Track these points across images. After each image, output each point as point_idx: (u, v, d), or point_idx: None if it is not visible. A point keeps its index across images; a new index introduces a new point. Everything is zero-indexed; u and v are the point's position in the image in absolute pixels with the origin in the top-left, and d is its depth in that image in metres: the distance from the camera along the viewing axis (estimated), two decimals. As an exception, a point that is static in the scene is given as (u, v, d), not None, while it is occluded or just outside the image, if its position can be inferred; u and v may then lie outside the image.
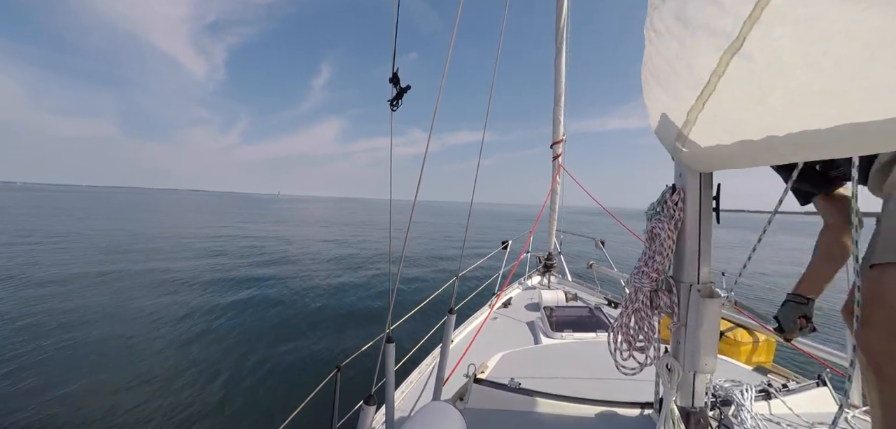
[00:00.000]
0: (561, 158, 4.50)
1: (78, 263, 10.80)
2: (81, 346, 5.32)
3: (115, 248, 13.89)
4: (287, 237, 19.94)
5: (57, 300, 7.28)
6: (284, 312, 7.20)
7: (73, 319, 6.31)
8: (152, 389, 4.26)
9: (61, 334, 5.64)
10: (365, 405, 1.06)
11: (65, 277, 9.07)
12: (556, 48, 4.33)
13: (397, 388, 1.99)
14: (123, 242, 15.73)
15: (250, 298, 8.11)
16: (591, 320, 2.85)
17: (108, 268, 10.40)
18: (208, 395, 4.16)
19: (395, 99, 1.56)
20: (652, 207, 1.07)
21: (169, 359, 5.05)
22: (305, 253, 14.93)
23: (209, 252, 14.01)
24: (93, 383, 4.34)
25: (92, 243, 14.77)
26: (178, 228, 22.48)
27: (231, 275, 10.46)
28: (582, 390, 1.37)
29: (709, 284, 0.96)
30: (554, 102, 4.45)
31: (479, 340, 2.63)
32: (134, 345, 5.50)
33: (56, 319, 6.30)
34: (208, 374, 4.64)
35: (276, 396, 4.18)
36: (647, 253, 1.03)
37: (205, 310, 7.24)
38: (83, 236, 16.80)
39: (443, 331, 1.45)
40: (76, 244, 14.35)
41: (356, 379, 4.04)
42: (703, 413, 1.02)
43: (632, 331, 1.08)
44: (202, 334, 5.98)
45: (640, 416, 1.25)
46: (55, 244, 14.06)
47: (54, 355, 4.97)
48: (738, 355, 2.39)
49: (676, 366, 0.98)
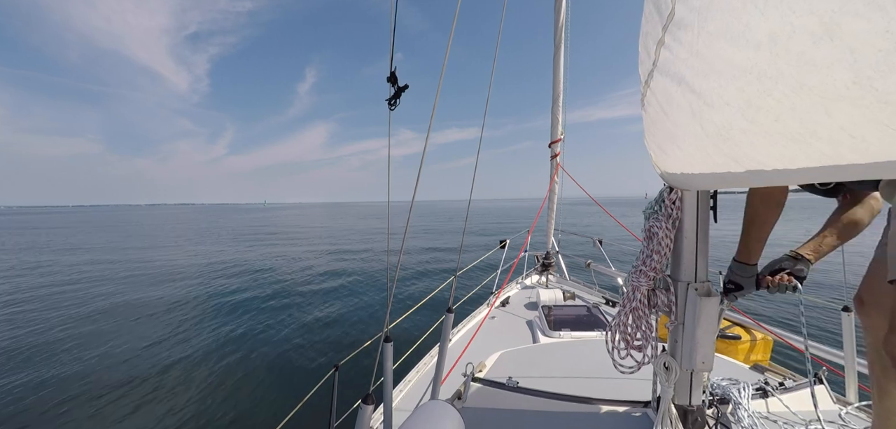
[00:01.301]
0: (559, 157, 4.50)
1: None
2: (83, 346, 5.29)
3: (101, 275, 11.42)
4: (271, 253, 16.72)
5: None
6: (281, 311, 7.19)
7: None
8: (148, 391, 4.25)
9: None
10: (363, 404, 1.06)
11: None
12: (555, 46, 4.31)
13: (395, 387, 1.99)
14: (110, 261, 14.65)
15: (247, 300, 8.10)
16: (589, 319, 2.85)
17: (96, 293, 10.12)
18: (205, 395, 4.15)
19: (393, 98, 1.55)
20: (650, 205, 1.07)
21: (164, 360, 5.04)
22: (303, 254, 14.89)
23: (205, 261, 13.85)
24: (90, 380, 4.33)
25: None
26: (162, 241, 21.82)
27: (230, 275, 10.44)
28: (580, 389, 1.37)
29: (706, 283, 0.96)
30: (552, 101, 4.43)
31: (477, 339, 2.63)
32: (132, 345, 5.49)
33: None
34: (205, 374, 4.63)
35: (274, 395, 4.17)
36: (645, 252, 1.03)
37: (202, 311, 7.22)
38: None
39: (441, 330, 1.45)
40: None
41: (354, 378, 4.04)
42: (700, 411, 1.03)
43: (629, 330, 1.08)
44: (200, 336, 5.97)
45: (637, 414, 1.25)
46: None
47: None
48: (735, 354, 2.39)
49: (674, 364, 0.98)
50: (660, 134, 0.78)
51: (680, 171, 0.78)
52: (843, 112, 0.35)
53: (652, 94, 0.74)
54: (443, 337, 1.43)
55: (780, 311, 5.99)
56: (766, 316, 6.04)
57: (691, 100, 0.58)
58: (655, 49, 0.67)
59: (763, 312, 5.97)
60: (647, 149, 0.89)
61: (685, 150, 0.70)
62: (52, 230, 32.33)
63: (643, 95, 0.80)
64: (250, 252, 15.44)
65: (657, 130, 0.78)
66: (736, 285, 1.17)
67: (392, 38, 1.49)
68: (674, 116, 0.67)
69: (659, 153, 0.84)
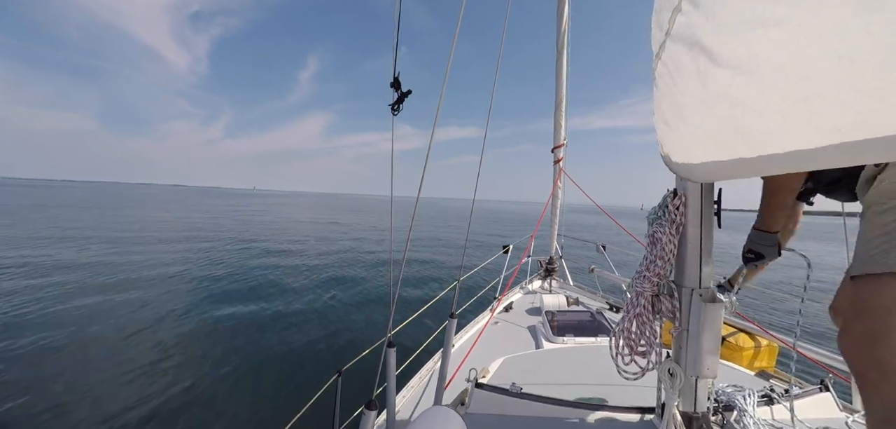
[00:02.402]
0: (562, 163, 4.50)
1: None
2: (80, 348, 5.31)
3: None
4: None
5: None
6: (284, 316, 7.19)
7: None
8: (145, 393, 4.25)
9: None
10: (366, 410, 1.06)
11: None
12: (557, 52, 4.32)
13: (398, 392, 1.99)
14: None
15: (247, 302, 8.10)
16: (592, 325, 2.84)
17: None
18: (206, 400, 4.15)
19: (396, 103, 1.56)
20: (653, 211, 1.07)
21: (165, 363, 5.05)
22: (302, 256, 14.92)
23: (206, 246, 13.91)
24: (81, 388, 4.33)
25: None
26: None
27: (228, 276, 10.46)
28: (583, 395, 1.37)
29: (711, 289, 0.95)
30: (555, 107, 4.44)
31: (480, 344, 2.63)
32: (129, 347, 5.50)
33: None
34: (206, 379, 4.63)
35: (277, 401, 4.17)
36: (649, 257, 1.03)
37: (199, 312, 7.23)
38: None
39: (444, 335, 1.45)
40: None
41: (357, 384, 4.02)
42: (705, 418, 1.02)
43: (633, 335, 1.07)
44: (198, 337, 5.98)
45: (641, 421, 1.24)
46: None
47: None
48: (740, 360, 2.37)
49: (678, 371, 0.97)
50: (667, 108, 0.77)
51: (685, 158, 0.77)
52: (865, 81, 0.32)
53: (663, 65, 0.74)
54: (446, 342, 1.43)
55: (787, 317, 5.93)
56: (772, 322, 5.99)
57: (700, 62, 0.57)
58: (670, 17, 0.67)
59: (769, 318, 5.92)
60: (656, 129, 0.87)
61: (690, 123, 0.69)
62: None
63: (654, 69, 0.80)
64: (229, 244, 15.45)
65: (665, 105, 0.78)
66: (756, 255, 1.16)
67: (395, 42, 1.50)
68: (682, 85, 0.66)
69: (665, 133, 0.82)
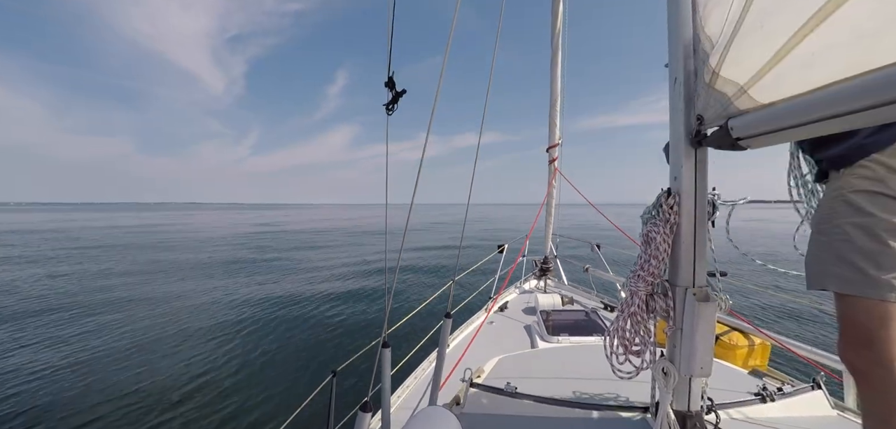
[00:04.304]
0: (557, 162, 4.51)
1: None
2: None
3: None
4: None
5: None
6: (279, 317, 7.15)
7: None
8: (143, 395, 4.21)
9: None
10: (361, 411, 1.06)
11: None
12: (552, 51, 4.34)
13: (393, 393, 1.98)
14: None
15: (245, 304, 8.05)
16: (587, 324, 2.85)
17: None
18: (201, 402, 4.11)
19: (391, 103, 1.55)
20: (647, 210, 1.07)
21: (162, 365, 5.00)
22: (300, 256, 14.87)
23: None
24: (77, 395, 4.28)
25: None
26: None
27: (226, 276, 10.39)
28: (578, 394, 1.37)
29: (704, 288, 0.96)
30: (550, 106, 4.46)
31: (475, 344, 2.62)
32: (128, 347, 5.44)
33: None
34: (201, 381, 4.59)
35: (271, 401, 4.14)
36: (643, 257, 1.03)
37: (197, 314, 7.17)
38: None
39: (439, 335, 1.44)
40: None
41: (352, 384, 4.02)
42: (698, 417, 1.02)
43: (628, 335, 1.08)
44: (198, 339, 5.92)
45: (636, 419, 1.24)
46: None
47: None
48: (733, 359, 2.39)
49: (672, 370, 0.98)
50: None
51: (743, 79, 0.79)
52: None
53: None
54: (441, 342, 1.42)
55: (779, 316, 5.99)
56: (765, 321, 6.05)
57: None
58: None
59: (761, 316, 5.98)
60: (708, 66, 0.87)
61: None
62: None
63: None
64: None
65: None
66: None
67: (389, 46, 1.50)
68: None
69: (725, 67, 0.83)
